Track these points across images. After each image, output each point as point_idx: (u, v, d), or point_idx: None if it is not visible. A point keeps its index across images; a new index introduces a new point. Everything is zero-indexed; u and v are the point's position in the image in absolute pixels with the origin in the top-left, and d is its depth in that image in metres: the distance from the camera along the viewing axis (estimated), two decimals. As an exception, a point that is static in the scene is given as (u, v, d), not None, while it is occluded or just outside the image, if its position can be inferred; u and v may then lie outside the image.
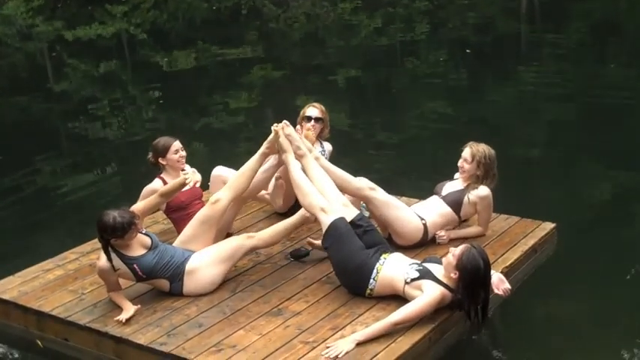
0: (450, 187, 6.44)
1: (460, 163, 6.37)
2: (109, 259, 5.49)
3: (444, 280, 5.22)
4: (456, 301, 5.21)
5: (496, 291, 5.36)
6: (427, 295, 5.15)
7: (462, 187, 6.34)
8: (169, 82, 15.32)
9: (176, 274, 5.68)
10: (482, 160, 6.24)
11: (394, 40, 17.75)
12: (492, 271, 5.36)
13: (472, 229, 6.43)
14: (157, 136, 6.72)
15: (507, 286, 5.41)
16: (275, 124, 6.22)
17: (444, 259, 5.32)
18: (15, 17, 23.66)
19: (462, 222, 6.48)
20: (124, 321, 5.41)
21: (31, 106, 14.42)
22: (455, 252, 5.20)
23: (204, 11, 23.37)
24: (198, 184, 5.99)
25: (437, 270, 5.31)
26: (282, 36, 20.09)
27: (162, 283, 5.71)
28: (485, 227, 6.42)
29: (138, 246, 5.60)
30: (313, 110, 7.03)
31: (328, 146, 7.21)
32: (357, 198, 6.28)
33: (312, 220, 6.07)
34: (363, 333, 5.04)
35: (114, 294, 5.65)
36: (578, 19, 18.30)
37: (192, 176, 5.92)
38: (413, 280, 5.27)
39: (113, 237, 5.42)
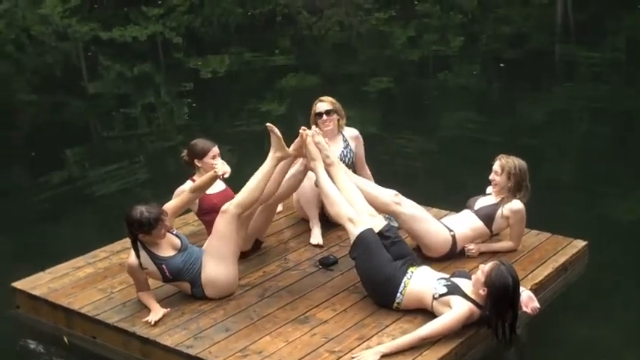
0: (482, 201, 6.41)
1: (491, 176, 6.35)
2: (137, 255, 5.53)
3: (473, 296, 5.20)
4: (484, 317, 5.18)
5: (524, 309, 5.33)
6: (455, 311, 5.13)
7: (495, 202, 6.31)
8: (202, 86, 15.38)
9: (195, 278, 5.71)
10: (513, 171, 6.22)
11: (427, 52, 17.71)
12: (522, 289, 5.33)
13: (503, 244, 6.40)
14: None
15: (536, 304, 5.37)
16: (303, 128, 6.18)
17: (473, 276, 5.29)
18: (52, 17, 23.89)
19: (493, 236, 6.45)
20: (152, 322, 5.44)
21: (64, 105, 14.55)
22: (484, 269, 5.17)
23: (238, 16, 23.45)
24: (227, 175, 5.89)
25: (465, 285, 5.29)
26: (316, 44, 20.11)
27: (185, 285, 5.75)
28: (517, 242, 6.38)
29: (168, 246, 5.63)
30: (322, 105, 6.95)
31: (351, 132, 7.11)
32: (384, 213, 6.25)
33: (288, 155, 6.03)
34: (388, 345, 5.03)
35: (143, 294, 5.68)
36: (614, 35, 18.16)
37: (221, 167, 5.84)
38: (441, 295, 5.25)
39: (140, 232, 5.45)
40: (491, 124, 11.55)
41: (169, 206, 5.78)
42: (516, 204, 6.21)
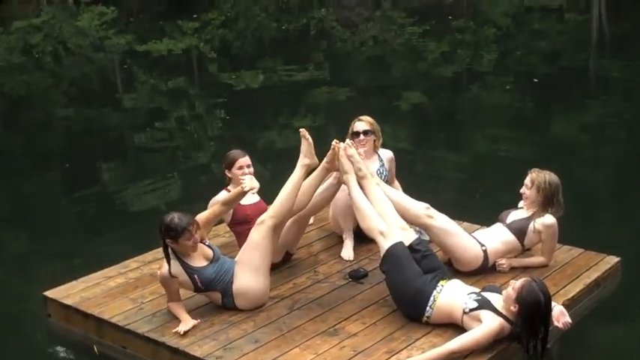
0: (515, 215, 6.37)
1: (522, 189, 6.33)
2: (168, 262, 5.55)
3: (503, 312, 5.16)
4: (515, 333, 5.14)
5: (556, 323, 5.28)
6: (486, 326, 5.09)
7: (527, 216, 6.27)
8: (235, 100, 15.45)
9: (227, 289, 5.73)
10: (542, 186, 6.18)
11: (461, 67, 17.67)
12: (553, 303, 5.28)
13: (535, 259, 6.35)
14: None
15: (568, 319, 5.32)
16: (335, 141, 6.20)
17: (504, 291, 5.25)
18: (89, 29, 24.18)
19: (525, 251, 6.40)
20: (181, 333, 5.46)
21: (100, 117, 14.68)
22: (515, 285, 5.13)
23: (273, 30, 23.57)
24: (254, 191, 5.94)
25: (496, 300, 5.25)
26: (349, 58, 20.14)
27: (215, 296, 5.77)
28: (549, 257, 6.32)
29: (200, 257, 5.66)
30: (360, 124, 6.97)
31: (387, 153, 7.13)
32: (415, 225, 6.24)
33: (316, 164, 6.12)
34: (418, 359, 5.01)
35: (173, 305, 5.71)
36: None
37: (249, 182, 5.86)
38: (471, 310, 5.22)
39: (167, 237, 5.49)
40: (524, 140, 11.48)
41: (201, 217, 5.81)
42: (548, 219, 6.17)
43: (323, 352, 5.21)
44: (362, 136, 6.93)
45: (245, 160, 6.49)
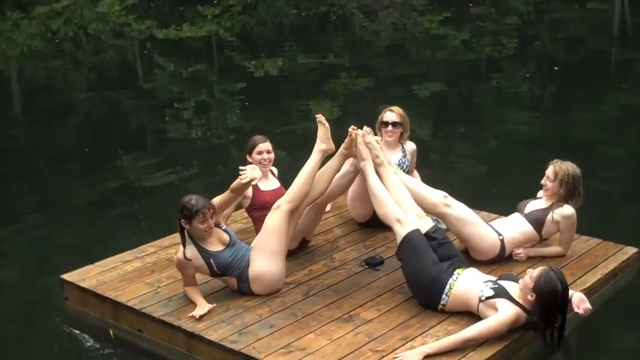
0: (533, 205, 6.33)
1: (543, 180, 6.28)
2: (184, 244, 5.58)
3: (520, 301, 5.14)
4: (531, 322, 5.12)
5: (576, 310, 5.25)
6: (502, 315, 5.08)
7: (546, 206, 6.23)
8: (255, 86, 15.46)
9: (242, 274, 5.74)
10: (565, 179, 6.13)
11: (481, 55, 17.58)
12: (572, 291, 5.26)
13: (552, 249, 6.32)
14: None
15: (588, 305, 5.29)
16: (352, 127, 6.19)
17: (520, 280, 5.23)
18: (109, 15, 24.24)
19: (542, 240, 6.37)
20: (197, 317, 5.48)
21: (119, 102, 14.75)
22: (532, 274, 5.10)
23: (292, 17, 23.53)
24: (255, 182, 5.94)
25: (512, 289, 5.23)
26: (369, 45, 20.08)
27: (231, 281, 5.79)
28: (566, 248, 6.29)
29: (217, 241, 5.69)
30: (391, 115, 6.99)
31: (410, 146, 7.14)
32: (433, 214, 6.22)
33: (333, 149, 6.14)
34: (432, 346, 5.00)
35: (189, 289, 5.73)
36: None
37: (250, 173, 5.81)
38: (488, 298, 5.21)
39: (182, 217, 5.53)
40: (544, 128, 11.42)
41: (215, 202, 5.83)
42: (567, 209, 6.13)
43: (337, 338, 5.22)
44: (390, 127, 6.95)
45: (265, 145, 6.50)
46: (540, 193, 6.41)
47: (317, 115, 6.25)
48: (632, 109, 12.27)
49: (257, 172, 5.85)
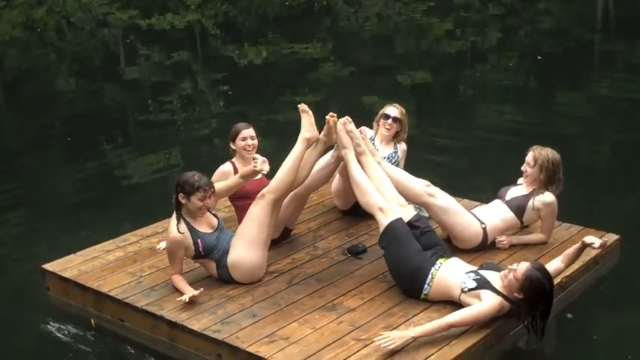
0: (514, 192, 6.35)
1: (523, 167, 6.29)
2: (178, 219, 5.58)
3: (502, 290, 5.14)
4: (514, 311, 5.13)
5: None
6: (485, 304, 5.08)
7: (527, 193, 6.25)
8: (239, 76, 15.42)
9: (222, 260, 5.74)
10: (545, 164, 6.14)
11: (464, 45, 17.59)
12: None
13: (534, 236, 6.33)
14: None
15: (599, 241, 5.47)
16: (330, 114, 6.17)
17: (502, 273, 5.21)
18: (92, 4, 24.07)
19: (523, 227, 6.39)
20: (187, 300, 5.45)
21: (102, 91, 14.68)
22: (517, 273, 5.06)
23: (276, 6, 23.46)
24: (259, 176, 5.98)
25: (494, 279, 5.23)
26: (353, 35, 20.06)
27: (211, 265, 5.77)
28: (548, 235, 6.31)
29: (205, 224, 5.73)
30: (393, 110, 7.02)
31: (402, 146, 7.16)
32: (416, 204, 6.23)
33: (317, 137, 6.10)
34: (417, 330, 4.99)
35: (176, 277, 5.69)
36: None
37: (260, 165, 5.94)
38: (470, 289, 5.21)
39: (182, 191, 5.54)
40: (526, 115, 11.47)
41: (221, 185, 5.89)
42: (548, 196, 6.15)
43: (321, 327, 5.21)
44: (390, 121, 6.98)
45: (249, 131, 6.49)
46: (521, 180, 6.42)
47: (299, 105, 6.24)
48: (614, 99, 12.32)
49: (266, 167, 6.04)
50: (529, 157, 6.25)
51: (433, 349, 4.90)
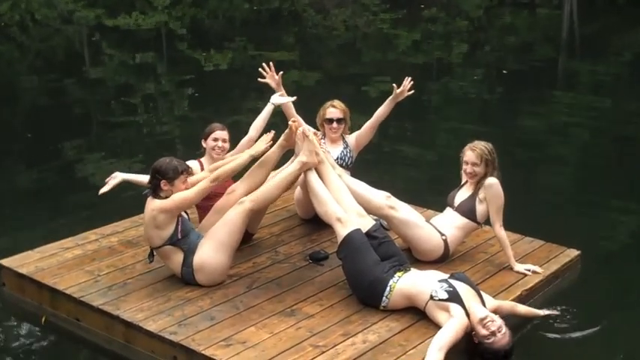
0: (460, 196, 6.30)
1: (469, 169, 6.20)
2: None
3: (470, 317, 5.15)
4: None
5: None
6: (458, 320, 5.07)
7: (471, 193, 6.22)
8: (204, 79, 15.35)
9: (188, 256, 5.67)
10: (488, 157, 6.15)
11: (431, 57, 17.68)
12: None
13: (505, 248, 6.13)
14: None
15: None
16: (293, 119, 6.22)
17: (475, 305, 5.20)
18: (57, 0, 23.84)
19: (481, 225, 6.32)
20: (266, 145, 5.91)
21: (65, 89, 14.51)
22: (490, 329, 5.05)
23: (244, 11, 23.42)
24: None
25: (465, 294, 5.22)
26: (320, 42, 20.07)
27: (177, 258, 5.69)
28: (497, 218, 6.08)
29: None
30: (334, 111, 6.96)
31: (350, 138, 7.08)
32: (377, 216, 6.20)
33: (312, 164, 5.98)
34: None
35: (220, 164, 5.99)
36: (619, 50, 18.12)
37: (260, 142, 6.03)
38: (441, 300, 5.19)
39: (165, 178, 5.54)
40: (489, 129, 11.49)
41: (223, 170, 5.83)
42: (489, 180, 6.11)
43: (279, 332, 5.18)
44: (335, 124, 6.93)
45: (222, 133, 6.47)
46: (464, 179, 6.38)
47: (304, 129, 6.14)
48: (577, 116, 12.43)
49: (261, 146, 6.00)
50: (472, 156, 6.18)
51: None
